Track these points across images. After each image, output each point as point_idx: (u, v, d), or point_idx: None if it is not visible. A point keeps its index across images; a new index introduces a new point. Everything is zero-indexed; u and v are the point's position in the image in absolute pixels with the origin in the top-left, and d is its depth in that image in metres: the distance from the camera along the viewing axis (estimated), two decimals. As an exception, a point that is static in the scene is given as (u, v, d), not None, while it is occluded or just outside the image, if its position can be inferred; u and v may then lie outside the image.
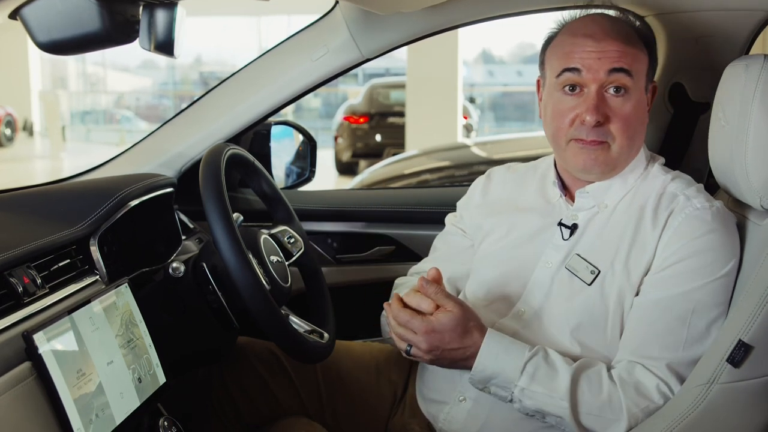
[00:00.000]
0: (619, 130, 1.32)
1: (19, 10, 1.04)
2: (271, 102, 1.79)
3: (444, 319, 1.27)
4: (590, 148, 1.33)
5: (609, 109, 1.32)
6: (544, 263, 1.39)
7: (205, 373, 1.56)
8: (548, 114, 1.39)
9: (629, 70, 1.31)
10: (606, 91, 1.32)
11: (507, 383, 1.26)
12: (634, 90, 1.33)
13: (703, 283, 1.25)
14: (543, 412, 1.26)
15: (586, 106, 1.31)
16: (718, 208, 1.30)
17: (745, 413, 1.17)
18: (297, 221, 1.66)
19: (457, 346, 1.27)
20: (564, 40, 1.37)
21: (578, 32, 1.35)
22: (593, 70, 1.31)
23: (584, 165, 1.35)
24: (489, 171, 1.61)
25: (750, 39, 1.66)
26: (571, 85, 1.34)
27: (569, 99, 1.34)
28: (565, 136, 1.35)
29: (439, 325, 1.26)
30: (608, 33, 1.33)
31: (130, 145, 1.87)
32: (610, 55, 1.31)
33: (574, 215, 1.40)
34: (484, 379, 1.28)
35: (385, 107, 11.09)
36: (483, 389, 1.30)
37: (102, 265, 1.33)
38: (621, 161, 1.36)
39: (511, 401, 1.28)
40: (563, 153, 1.39)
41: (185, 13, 1.20)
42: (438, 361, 1.29)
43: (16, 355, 1.02)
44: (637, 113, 1.34)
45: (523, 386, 1.25)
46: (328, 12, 1.74)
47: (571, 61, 1.33)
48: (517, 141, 5.70)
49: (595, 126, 1.31)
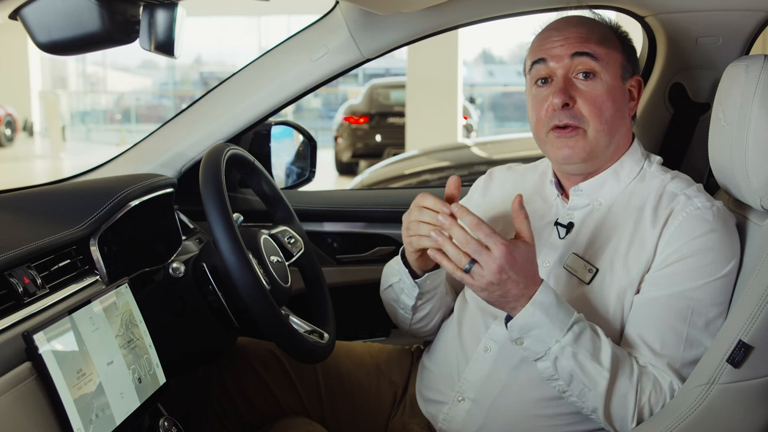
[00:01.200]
0: (590, 112, 1.33)
1: (19, 10, 1.04)
2: (271, 102, 1.79)
3: (523, 246, 1.20)
4: (566, 136, 1.34)
5: (577, 91, 1.34)
6: (541, 263, 1.39)
7: (205, 373, 1.56)
8: (529, 110, 1.42)
9: (593, 54, 1.33)
10: (574, 77, 1.35)
11: (547, 337, 1.21)
12: (604, 74, 1.34)
13: (704, 282, 1.25)
14: (576, 377, 1.21)
15: (553, 91, 1.34)
16: (719, 208, 1.30)
17: (745, 413, 1.17)
18: (297, 221, 1.66)
19: (522, 279, 1.19)
20: (534, 41, 1.43)
21: (545, 30, 1.41)
22: (557, 57, 1.35)
23: (563, 154, 1.36)
24: (490, 171, 1.62)
25: (750, 39, 1.66)
26: (543, 78, 1.37)
27: (542, 90, 1.38)
28: (544, 127, 1.37)
29: (517, 250, 1.18)
30: (571, 23, 1.38)
31: (131, 145, 1.87)
32: (572, 41, 1.35)
33: (569, 214, 1.41)
34: (526, 326, 1.22)
35: (385, 107, 11.09)
36: (516, 340, 1.24)
37: (102, 265, 1.33)
38: (601, 148, 1.35)
39: (540, 359, 1.23)
40: (545, 147, 1.40)
41: (185, 13, 1.20)
42: (495, 287, 1.19)
43: (16, 356, 1.02)
44: (610, 97, 1.34)
45: (566, 344, 1.21)
46: (328, 12, 1.74)
47: (538, 53, 1.38)
48: (517, 141, 5.69)
49: (563, 108, 1.33)
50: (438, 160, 5.32)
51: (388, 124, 10.88)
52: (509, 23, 1.83)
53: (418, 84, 9.48)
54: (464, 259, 1.18)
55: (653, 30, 1.76)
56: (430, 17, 1.69)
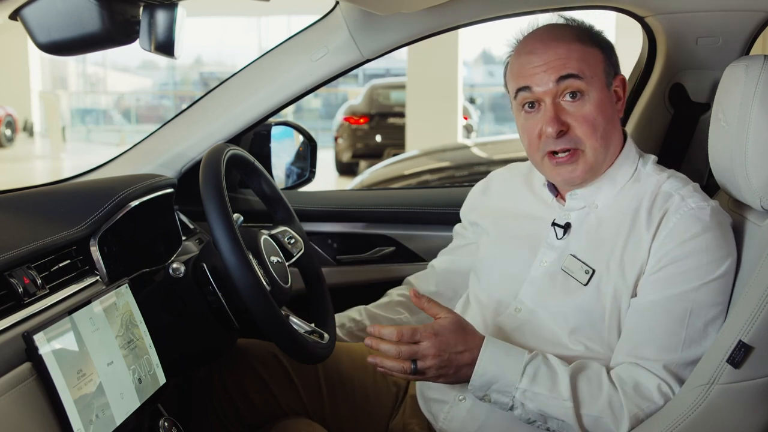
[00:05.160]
0: (585, 133, 1.33)
1: (20, 10, 1.04)
2: (271, 102, 1.79)
3: (444, 322, 1.28)
4: (564, 164, 1.35)
5: (568, 115, 1.33)
6: (539, 262, 1.40)
7: (205, 373, 1.56)
8: (520, 135, 1.42)
9: (577, 74, 1.32)
10: (562, 99, 1.33)
11: (508, 387, 1.26)
12: (591, 90, 1.33)
13: (700, 283, 1.25)
14: (546, 415, 1.25)
15: (545, 120, 1.33)
16: (714, 208, 1.29)
17: (745, 414, 1.17)
18: (297, 222, 1.66)
19: (462, 348, 1.27)
20: (513, 62, 1.41)
21: (522, 51, 1.39)
22: (542, 84, 1.33)
23: (563, 180, 1.38)
24: (490, 174, 1.65)
25: (750, 39, 1.66)
26: (529, 102, 1.36)
27: (530, 116, 1.37)
28: (538, 151, 1.37)
29: (441, 329, 1.27)
30: (548, 44, 1.35)
31: (131, 146, 1.87)
32: (554, 65, 1.33)
33: (566, 214, 1.41)
34: (485, 384, 1.27)
35: (385, 108, 11.09)
36: (483, 398, 1.30)
37: (102, 266, 1.33)
38: (600, 162, 1.36)
39: (511, 408, 1.28)
40: (542, 169, 1.41)
41: (185, 13, 1.20)
42: (445, 368, 1.27)
43: (16, 356, 1.02)
44: (601, 112, 1.34)
45: (525, 388, 1.25)
46: (328, 12, 1.74)
47: (521, 81, 1.36)
48: (518, 141, 5.67)
49: (558, 136, 1.32)
50: (438, 160, 5.32)
51: (388, 125, 10.87)
52: (509, 23, 1.82)
53: (418, 84, 9.48)
54: (405, 364, 1.26)
55: (653, 30, 1.76)
56: (430, 17, 1.69)
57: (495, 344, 1.29)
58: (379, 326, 1.28)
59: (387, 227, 2.01)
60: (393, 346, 1.26)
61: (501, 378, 1.26)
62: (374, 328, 1.28)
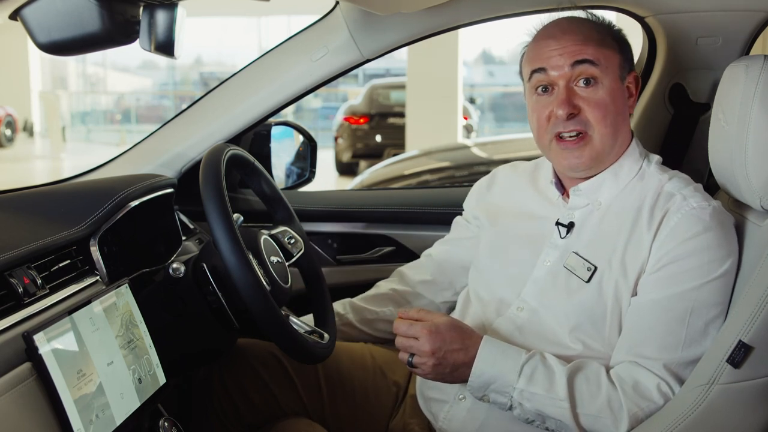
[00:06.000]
0: (595, 117, 1.34)
1: (20, 10, 1.04)
2: (272, 102, 1.79)
3: (441, 320, 1.31)
4: (572, 147, 1.36)
5: (581, 99, 1.35)
6: (542, 261, 1.40)
7: (205, 373, 1.56)
8: (529, 117, 1.43)
9: (593, 60, 1.34)
10: (576, 85, 1.35)
11: (505, 387, 1.27)
12: (604, 79, 1.35)
13: (701, 283, 1.25)
14: (543, 415, 1.26)
15: (557, 102, 1.35)
16: (715, 208, 1.30)
17: (745, 414, 1.17)
18: (297, 222, 1.66)
19: (459, 346, 1.29)
20: (531, 47, 1.43)
21: (540, 37, 1.41)
22: (558, 67, 1.35)
23: (569, 164, 1.38)
24: (495, 170, 1.65)
25: (750, 40, 1.66)
26: (543, 86, 1.38)
27: (543, 98, 1.38)
28: (546, 134, 1.38)
29: (438, 326, 1.29)
30: (566, 31, 1.37)
31: (131, 146, 1.87)
32: (570, 50, 1.35)
33: (570, 213, 1.41)
34: (483, 385, 1.28)
35: (385, 108, 11.09)
36: (482, 398, 1.30)
37: (102, 266, 1.33)
38: (607, 151, 1.37)
39: (509, 408, 1.28)
40: (549, 154, 1.42)
41: (185, 13, 1.20)
42: (441, 366, 1.29)
43: (16, 356, 1.02)
44: (612, 101, 1.35)
45: (522, 388, 1.26)
46: (328, 12, 1.74)
47: (537, 63, 1.38)
48: (518, 141, 5.69)
49: (569, 118, 1.34)
50: (438, 160, 5.32)
51: (389, 125, 10.87)
52: (509, 23, 1.82)
53: (419, 84, 9.48)
54: (403, 356, 1.32)
55: (653, 30, 1.76)
56: (430, 17, 1.69)
57: (492, 344, 1.30)
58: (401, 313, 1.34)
59: (387, 227, 2.02)
60: (399, 336, 1.33)
61: (498, 378, 1.27)
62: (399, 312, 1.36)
